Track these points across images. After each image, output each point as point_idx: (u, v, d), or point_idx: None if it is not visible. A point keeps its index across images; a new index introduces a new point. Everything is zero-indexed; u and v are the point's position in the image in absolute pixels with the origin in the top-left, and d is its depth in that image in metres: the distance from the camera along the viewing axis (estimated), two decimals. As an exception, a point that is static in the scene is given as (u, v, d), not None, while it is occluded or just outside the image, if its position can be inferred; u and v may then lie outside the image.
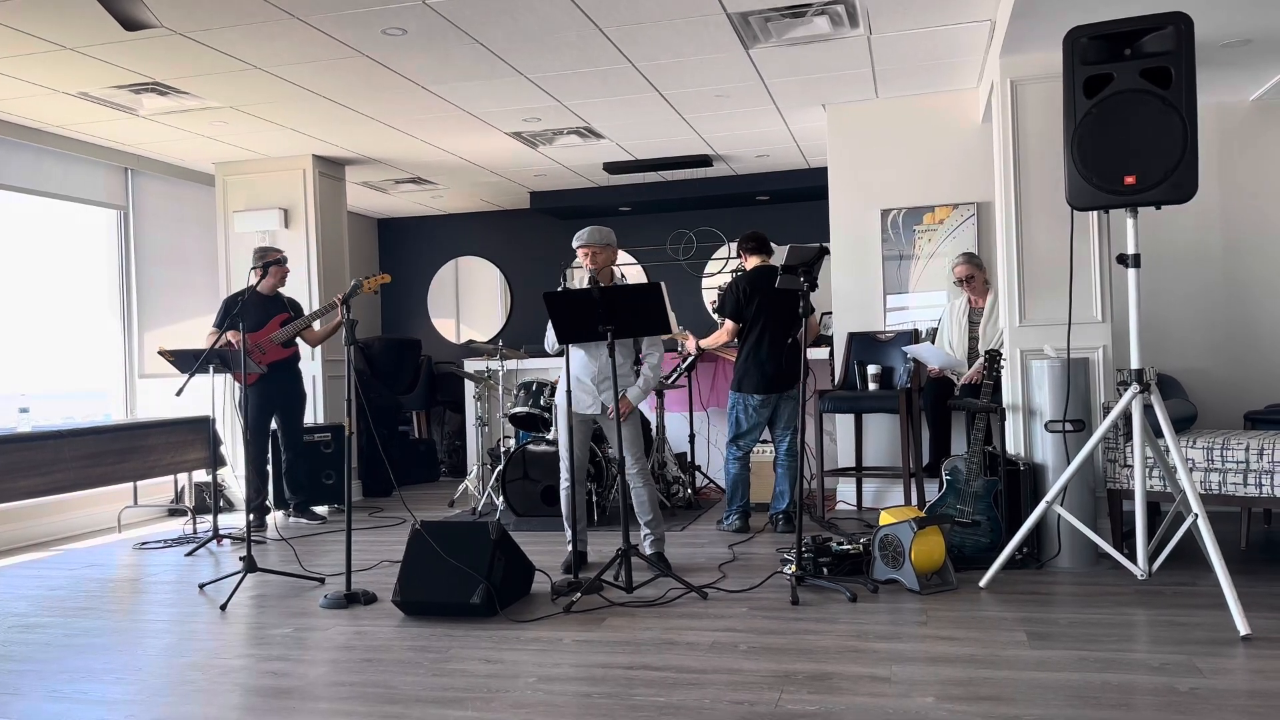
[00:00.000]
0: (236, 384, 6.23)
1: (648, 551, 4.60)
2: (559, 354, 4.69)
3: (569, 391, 4.48)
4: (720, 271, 9.05)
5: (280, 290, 6.31)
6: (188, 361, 5.50)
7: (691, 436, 6.90)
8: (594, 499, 5.92)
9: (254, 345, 6.05)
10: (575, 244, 4.61)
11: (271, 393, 6.22)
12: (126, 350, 7.20)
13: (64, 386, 6.78)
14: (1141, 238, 5.67)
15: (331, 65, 5.22)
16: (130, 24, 3.70)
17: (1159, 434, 3.95)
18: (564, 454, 4.65)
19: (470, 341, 9.62)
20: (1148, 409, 3.69)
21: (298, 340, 6.32)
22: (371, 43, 4.89)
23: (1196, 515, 3.46)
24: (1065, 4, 4.15)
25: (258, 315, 6.14)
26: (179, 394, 4.76)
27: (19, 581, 4.92)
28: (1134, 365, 3.66)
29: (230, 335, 5.90)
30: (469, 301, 9.93)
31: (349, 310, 4.34)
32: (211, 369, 5.53)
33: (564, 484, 4.65)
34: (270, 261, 6.01)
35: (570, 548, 4.59)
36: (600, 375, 4.58)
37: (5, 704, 3.04)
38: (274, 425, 6.38)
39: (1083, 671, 2.97)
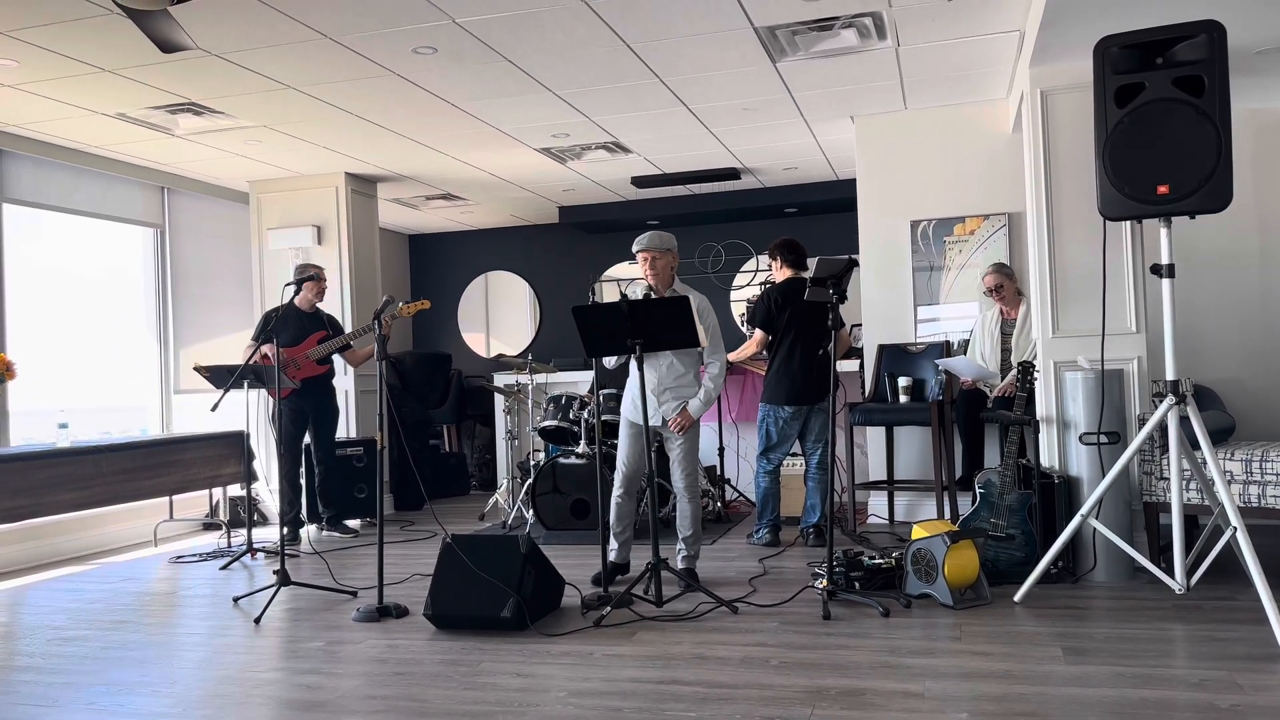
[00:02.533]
0: (270, 399, 6.31)
1: (679, 566, 4.59)
2: (619, 366, 4.65)
3: (642, 401, 4.34)
4: (749, 284, 9.04)
5: (320, 307, 6.38)
6: (222, 377, 5.57)
7: (721, 450, 6.89)
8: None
9: (289, 360, 6.12)
10: (635, 249, 4.57)
11: (305, 408, 6.29)
12: (163, 366, 7.30)
13: (102, 402, 6.89)
14: (1176, 247, 5.60)
15: (363, 84, 5.28)
16: (167, 46, 3.77)
17: (1196, 446, 3.89)
18: (620, 462, 4.60)
19: (500, 355, 9.67)
20: (1184, 421, 3.64)
21: (334, 358, 6.38)
22: (402, 61, 4.95)
23: (1236, 528, 3.41)
24: (1095, 14, 4.12)
25: (296, 331, 6.22)
26: (214, 409, 4.82)
27: (57, 595, 4.99)
28: (1169, 376, 3.61)
29: (266, 349, 5.98)
30: (499, 316, 9.99)
31: (381, 326, 4.38)
32: (246, 384, 5.61)
33: (615, 494, 4.62)
34: (304, 278, 6.09)
35: (601, 561, 4.58)
36: (660, 386, 4.56)
37: (44, 716, 3.08)
38: (307, 440, 6.45)
39: (1120, 688, 2.92)
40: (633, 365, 4.55)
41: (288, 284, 4.84)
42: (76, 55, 4.72)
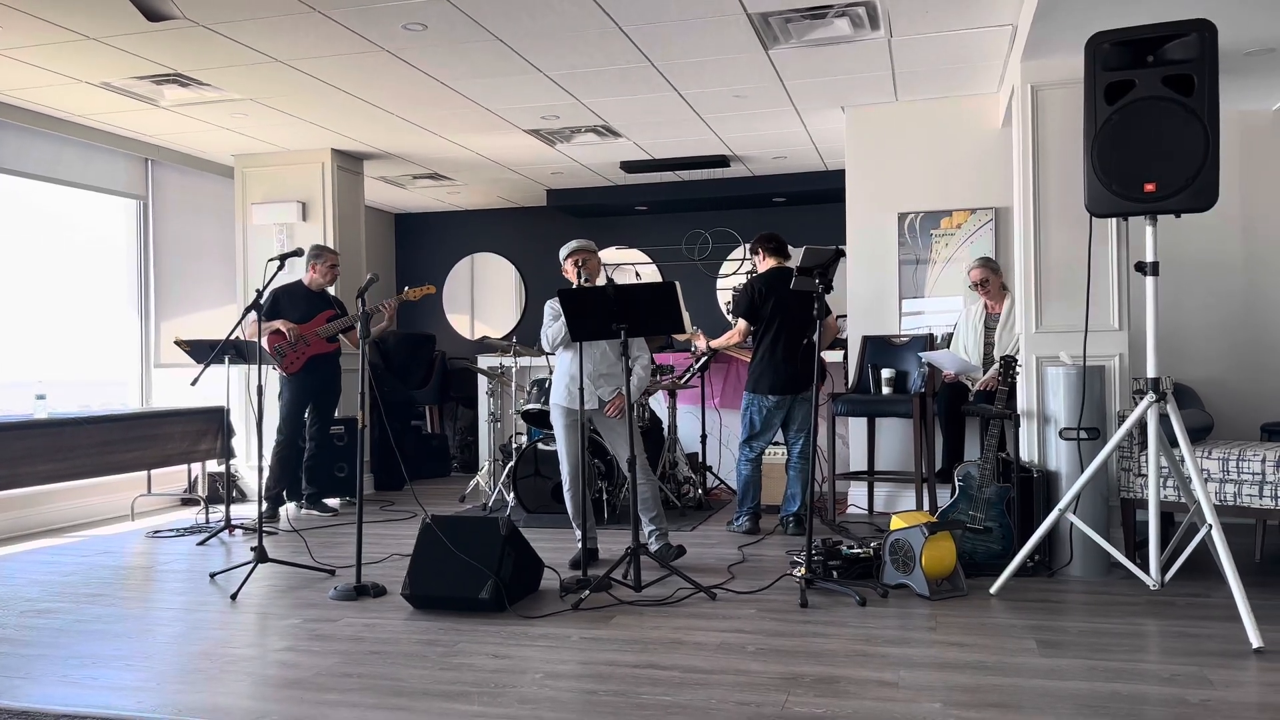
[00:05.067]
0: (270, 373, 6.30)
1: (654, 547, 4.61)
2: (552, 352, 4.74)
3: (581, 389, 4.47)
4: (735, 272, 9.04)
5: (327, 288, 6.39)
6: (203, 352, 5.53)
7: (703, 437, 6.89)
8: (604, 497, 5.92)
9: (299, 336, 6.13)
10: (566, 253, 4.72)
11: (311, 385, 6.29)
12: (143, 340, 7.24)
13: (81, 375, 6.83)
14: (1160, 245, 5.62)
15: (352, 59, 5.23)
16: (153, 15, 3.73)
17: (1174, 444, 3.92)
18: (564, 455, 4.67)
19: (484, 337, 9.64)
20: (1163, 418, 3.66)
21: (341, 338, 6.39)
22: (392, 38, 4.90)
23: (1211, 526, 3.44)
24: (1087, 10, 4.12)
25: (305, 309, 6.24)
26: (194, 384, 4.78)
27: (32, 566, 4.96)
28: (1150, 374, 3.64)
29: (280, 324, 6.00)
30: (484, 298, 9.95)
31: (364, 303, 4.35)
32: (228, 360, 5.57)
33: (566, 486, 4.68)
34: (315, 256, 6.18)
35: (581, 544, 4.60)
36: (596, 372, 4.65)
37: (17, 688, 3.06)
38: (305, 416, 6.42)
39: (1092, 681, 2.95)
40: (564, 353, 4.67)
41: (287, 255, 4.76)
42: (61, 22, 4.65)
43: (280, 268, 4.71)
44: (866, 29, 4.87)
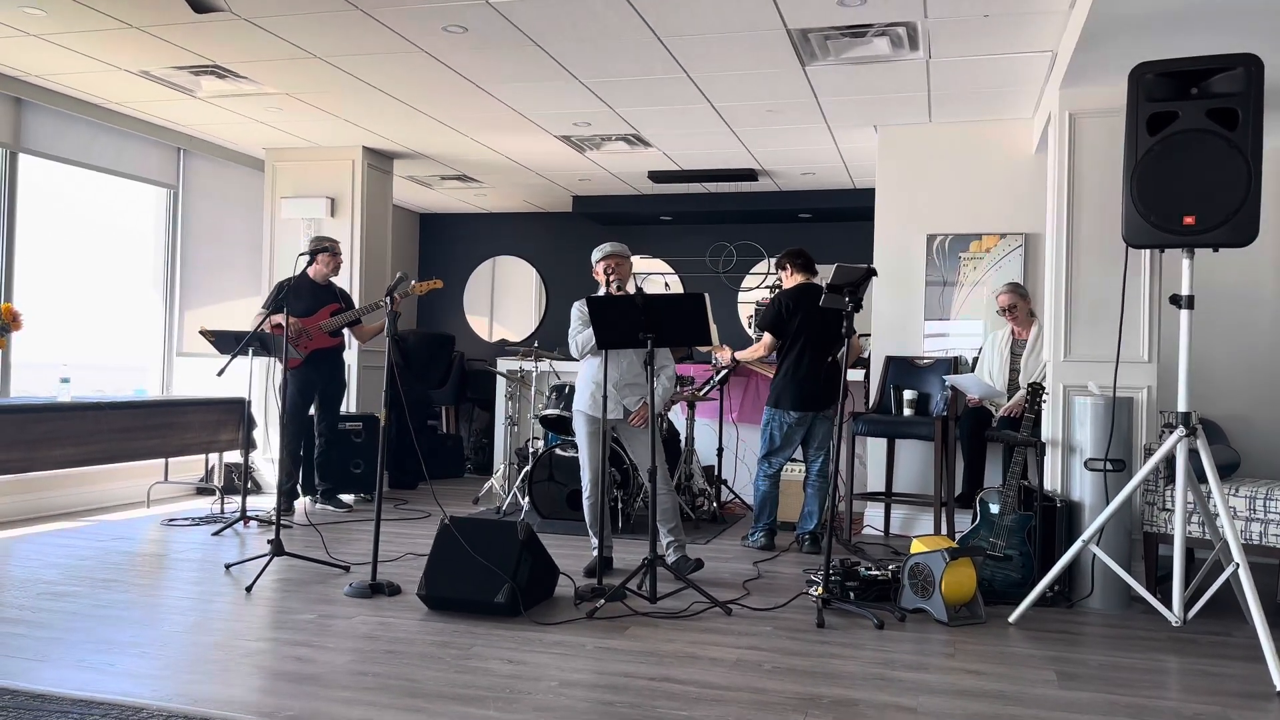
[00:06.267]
0: (279, 367, 6.29)
1: (671, 559, 4.59)
2: (580, 358, 4.72)
3: (604, 397, 4.46)
4: (759, 286, 9.02)
5: (333, 280, 6.37)
6: (228, 343, 5.55)
7: (720, 450, 6.87)
8: (620, 506, 5.90)
9: (301, 330, 6.11)
10: (599, 256, 4.70)
11: (313, 379, 6.27)
12: (167, 327, 7.27)
13: (104, 359, 6.86)
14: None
15: (390, 59, 5.25)
16: (201, 8, 3.75)
17: (1201, 480, 3.88)
18: (585, 462, 4.66)
19: (504, 341, 9.66)
20: (1192, 454, 3.62)
21: (345, 333, 6.37)
22: (431, 39, 4.92)
23: (1238, 565, 3.39)
24: (1131, 40, 4.10)
25: (309, 302, 6.21)
26: (220, 374, 4.80)
27: (49, 549, 4.97)
28: (1181, 408, 3.60)
29: (278, 318, 5.99)
30: (504, 301, 9.96)
31: (393, 301, 4.36)
32: (251, 351, 5.58)
33: (586, 493, 4.67)
34: (319, 249, 6.09)
35: (595, 552, 4.58)
36: (622, 381, 4.64)
37: (34, 671, 3.06)
38: (311, 411, 6.42)
39: (1112, 716, 2.91)
40: (590, 360, 4.67)
41: (301, 254, 4.81)
42: (104, 9, 4.69)
43: (310, 262, 4.72)
44: (905, 49, 4.85)
